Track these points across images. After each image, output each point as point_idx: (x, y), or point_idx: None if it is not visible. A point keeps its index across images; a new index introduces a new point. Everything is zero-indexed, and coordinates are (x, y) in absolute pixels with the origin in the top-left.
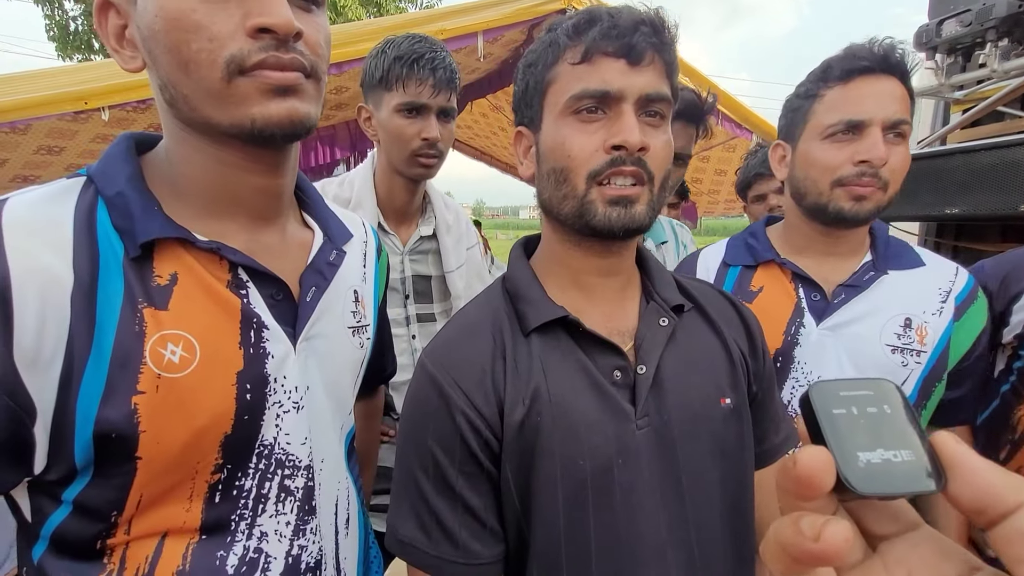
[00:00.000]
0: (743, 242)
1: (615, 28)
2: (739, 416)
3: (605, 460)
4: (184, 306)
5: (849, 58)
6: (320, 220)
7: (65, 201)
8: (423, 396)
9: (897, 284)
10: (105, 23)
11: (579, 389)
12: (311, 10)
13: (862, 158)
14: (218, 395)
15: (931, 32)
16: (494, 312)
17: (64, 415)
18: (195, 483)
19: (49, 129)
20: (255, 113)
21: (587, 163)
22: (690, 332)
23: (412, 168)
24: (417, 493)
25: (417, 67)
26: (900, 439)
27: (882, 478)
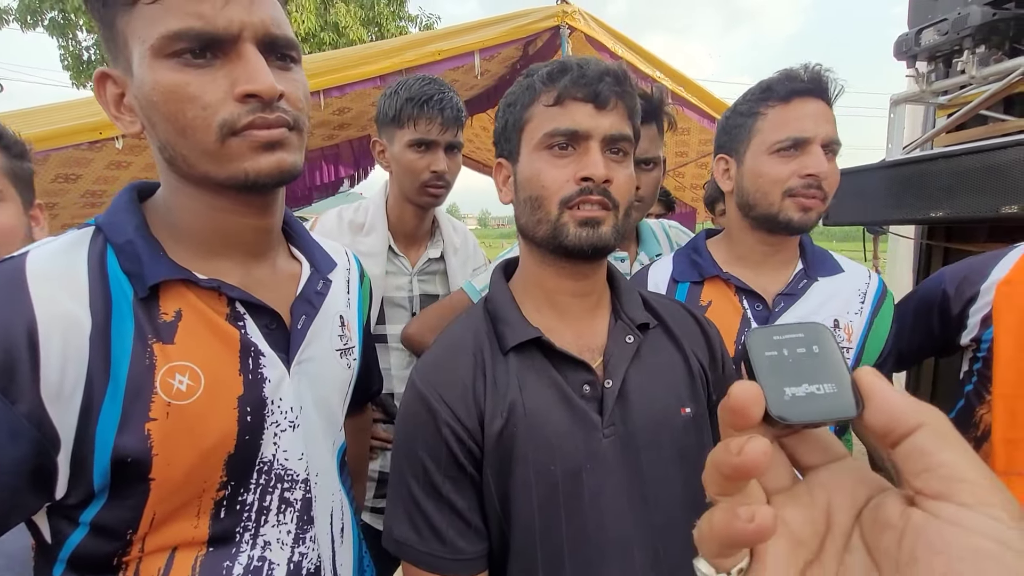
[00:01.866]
0: (687, 258)
1: (583, 77)
2: (699, 424)
3: (575, 466)
4: (189, 339)
5: (789, 80)
6: (306, 252)
7: (79, 251)
8: (413, 411)
9: (825, 290)
10: (104, 92)
11: (551, 403)
12: (290, 68)
13: (809, 172)
14: (222, 418)
15: (910, 41)
16: (476, 332)
17: (84, 444)
18: (202, 500)
19: (66, 158)
20: (247, 167)
21: (559, 192)
22: (654, 348)
23: (422, 197)
24: (409, 497)
25: (427, 107)
26: (824, 374)
27: (804, 409)
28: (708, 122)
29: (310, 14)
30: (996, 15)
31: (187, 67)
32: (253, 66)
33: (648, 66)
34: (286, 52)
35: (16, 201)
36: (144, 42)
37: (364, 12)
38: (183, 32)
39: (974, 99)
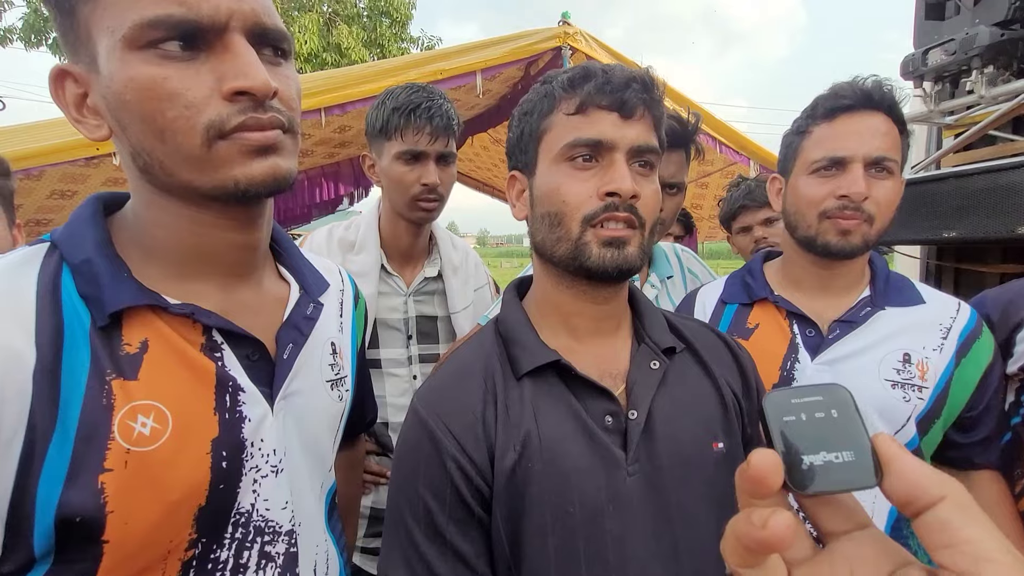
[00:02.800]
0: (740, 279)
1: (609, 83)
2: (733, 461)
3: (595, 508)
4: (155, 374)
5: (833, 97)
6: (296, 272)
7: (27, 271)
8: (414, 441)
9: (895, 320)
10: (62, 92)
11: (570, 435)
12: (280, 64)
13: (842, 192)
14: (192, 465)
15: (917, 61)
16: (486, 356)
17: (23, 502)
18: (167, 562)
19: (62, 175)
20: (238, 175)
21: (581, 208)
22: (681, 374)
23: (414, 212)
24: (408, 540)
25: (414, 116)
26: (843, 441)
27: (822, 477)
28: (709, 141)
29: (313, 35)
30: (1004, 35)
31: (166, 60)
32: (244, 60)
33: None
34: (278, 45)
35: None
36: (114, 32)
37: (366, 34)
38: (162, 19)
39: (983, 119)
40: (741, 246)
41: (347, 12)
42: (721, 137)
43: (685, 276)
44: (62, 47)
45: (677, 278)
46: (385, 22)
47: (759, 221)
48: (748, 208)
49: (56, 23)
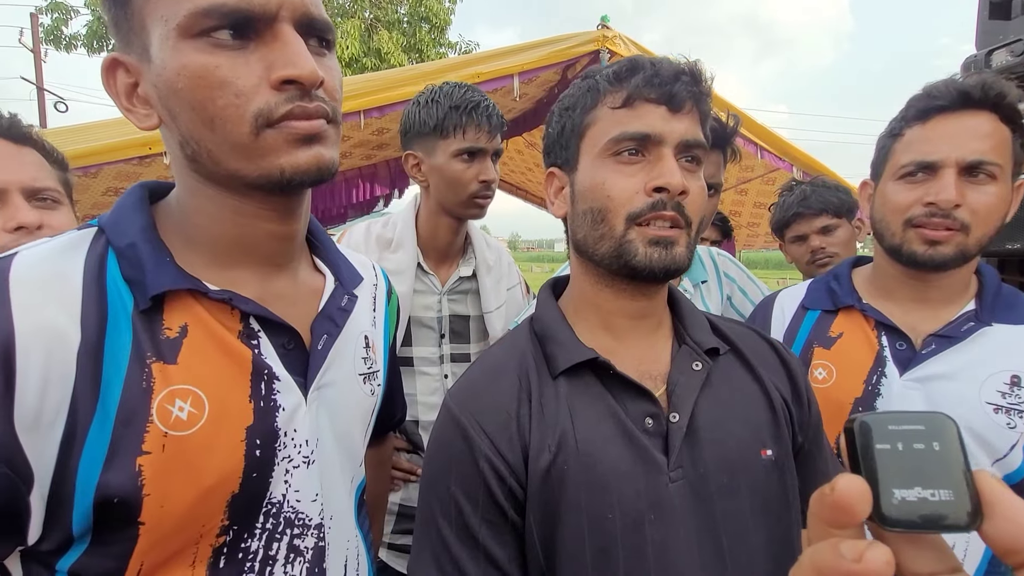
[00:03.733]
0: (825, 285)
1: (657, 76)
2: (782, 470)
3: (636, 516)
4: (194, 359)
5: (926, 97)
6: (331, 264)
7: (75, 254)
8: (446, 439)
9: (1003, 338)
10: (114, 82)
11: (608, 437)
12: (324, 54)
13: (929, 200)
14: (226, 452)
15: (979, 63)
16: (521, 354)
17: (63, 481)
18: (199, 547)
19: (116, 173)
20: (283, 163)
21: (627, 204)
22: (726, 377)
23: (469, 209)
24: (439, 540)
25: (475, 114)
26: (943, 478)
27: (914, 514)
28: (750, 147)
29: (354, 40)
30: None
31: (217, 48)
32: (293, 49)
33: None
34: (323, 35)
35: (70, 208)
36: (168, 21)
37: (406, 39)
38: (215, 7)
39: None
40: (795, 256)
41: (388, 18)
42: (762, 142)
43: (721, 280)
44: (114, 37)
45: (712, 283)
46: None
47: (816, 229)
48: (803, 215)
49: (109, 13)
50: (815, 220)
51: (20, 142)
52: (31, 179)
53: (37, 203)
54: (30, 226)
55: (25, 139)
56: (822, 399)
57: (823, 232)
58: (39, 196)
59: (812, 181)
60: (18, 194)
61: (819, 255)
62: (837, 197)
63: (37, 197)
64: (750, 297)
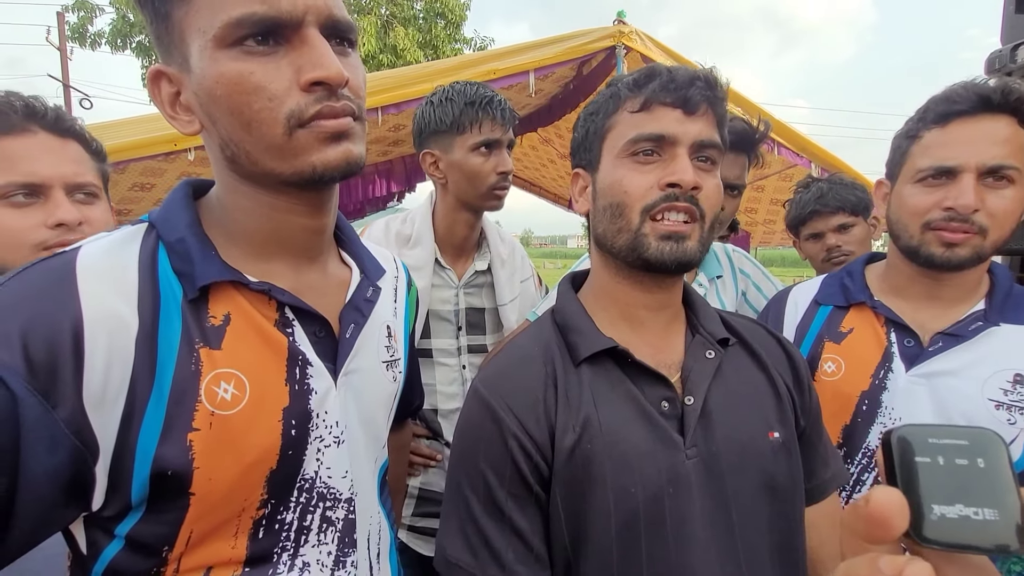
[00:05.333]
0: (839, 281)
1: (672, 82)
2: (788, 451)
3: (657, 489)
4: (236, 345)
5: (945, 101)
6: (356, 257)
7: (131, 247)
8: (476, 420)
9: (1010, 338)
10: (159, 92)
11: (629, 418)
12: (348, 54)
13: (948, 204)
14: (265, 431)
15: (1004, 58)
16: (545, 343)
17: (123, 454)
18: (241, 519)
19: (143, 168)
20: (315, 160)
21: (642, 198)
22: (736, 366)
23: (488, 201)
24: (466, 512)
25: (491, 108)
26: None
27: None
28: (768, 143)
29: (371, 37)
30: None
31: (250, 55)
32: (319, 52)
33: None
34: (346, 35)
35: (107, 201)
36: (205, 33)
37: (421, 35)
38: (246, 17)
39: None
40: (811, 253)
41: (404, 14)
42: (779, 138)
43: (736, 276)
44: (156, 49)
45: (727, 278)
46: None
47: (832, 227)
48: (820, 213)
49: (151, 27)
50: (832, 218)
51: (64, 135)
52: (73, 174)
53: (79, 197)
54: (71, 223)
55: (69, 132)
56: (830, 392)
57: (839, 230)
58: (81, 191)
59: (829, 178)
60: (60, 190)
61: (835, 253)
62: (854, 195)
63: (79, 192)
64: (764, 293)
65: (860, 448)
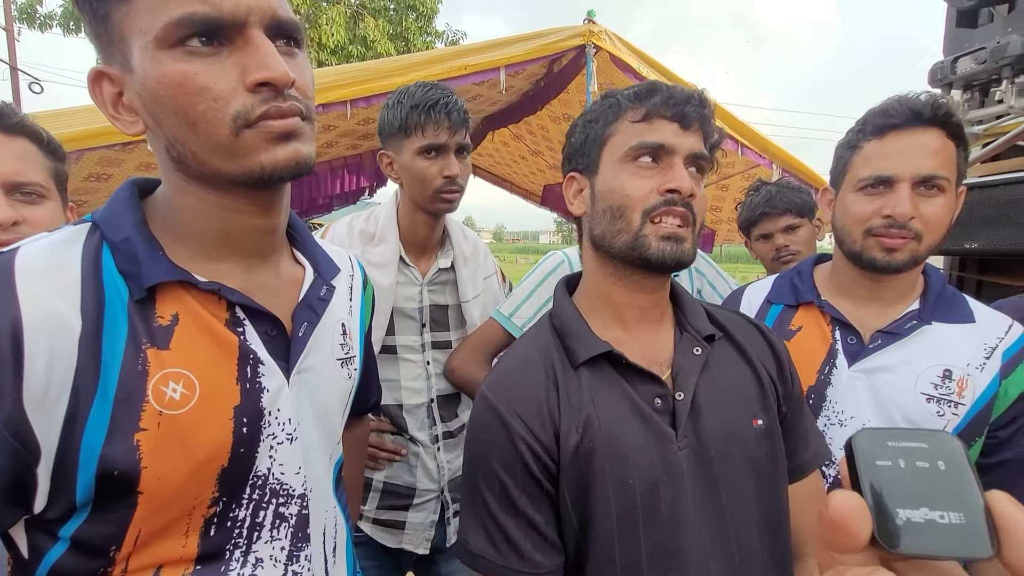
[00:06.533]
0: (789, 281)
1: (672, 98)
2: (771, 436)
3: (652, 480)
4: (185, 345)
5: (882, 114)
6: (310, 256)
7: (72, 248)
8: (486, 424)
9: (940, 336)
10: (100, 92)
11: (625, 416)
12: (295, 54)
13: (887, 212)
14: (216, 429)
15: (946, 69)
16: (545, 348)
17: (67, 455)
18: (192, 517)
19: (99, 158)
20: (263, 160)
21: (643, 202)
22: (722, 360)
23: (436, 204)
24: (485, 510)
25: (434, 112)
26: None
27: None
28: (731, 143)
29: (340, 28)
30: None
31: (193, 56)
32: (264, 52)
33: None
34: (292, 35)
35: (57, 201)
36: (146, 34)
37: (392, 27)
38: (186, 18)
39: (1012, 129)
40: (761, 253)
41: (374, 5)
42: (743, 139)
43: (692, 275)
44: (96, 50)
45: (683, 276)
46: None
47: (780, 228)
48: (768, 215)
49: (90, 27)
50: (780, 219)
51: (11, 132)
52: (13, 172)
53: (20, 198)
54: (3, 223)
55: (15, 129)
56: None
57: (787, 231)
58: (22, 190)
59: (777, 182)
60: None
61: (783, 252)
62: (800, 198)
63: (19, 192)
64: (718, 291)
65: None
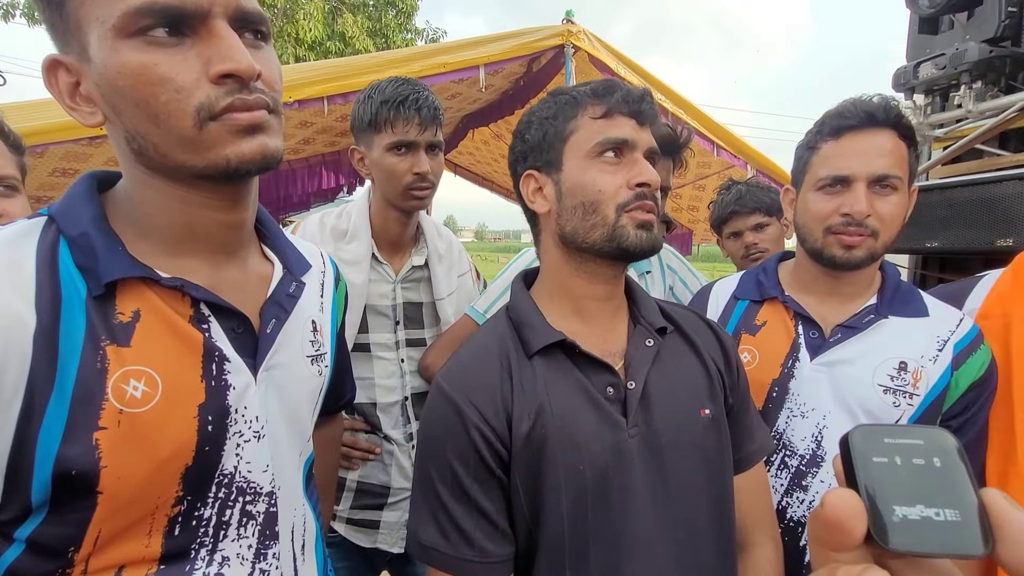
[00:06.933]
0: (754, 278)
1: (629, 95)
2: (718, 425)
3: (602, 466)
4: (146, 342)
5: (838, 116)
6: (279, 252)
7: (26, 242)
8: (441, 414)
9: (896, 329)
10: (56, 82)
11: (578, 404)
12: (260, 46)
13: (845, 211)
14: (179, 427)
15: (908, 74)
16: (500, 338)
17: (22, 455)
18: (155, 517)
19: (65, 153)
20: (229, 154)
21: (615, 197)
22: (673, 351)
23: (407, 201)
24: (436, 501)
25: (403, 108)
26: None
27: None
28: (707, 144)
29: (318, 23)
30: (993, 52)
31: (154, 46)
32: (227, 43)
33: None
34: (258, 28)
35: (24, 193)
36: (104, 22)
37: (371, 23)
38: (147, 6)
39: (970, 133)
40: (731, 251)
41: (352, 1)
42: (720, 140)
43: (664, 272)
44: (51, 38)
45: (656, 273)
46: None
47: (750, 226)
48: (739, 213)
49: (44, 15)
50: (749, 218)
51: None
52: None
53: None
54: None
55: None
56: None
57: (756, 229)
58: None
59: (747, 182)
60: None
61: (752, 250)
62: (769, 197)
63: None
64: (689, 287)
65: (770, 432)
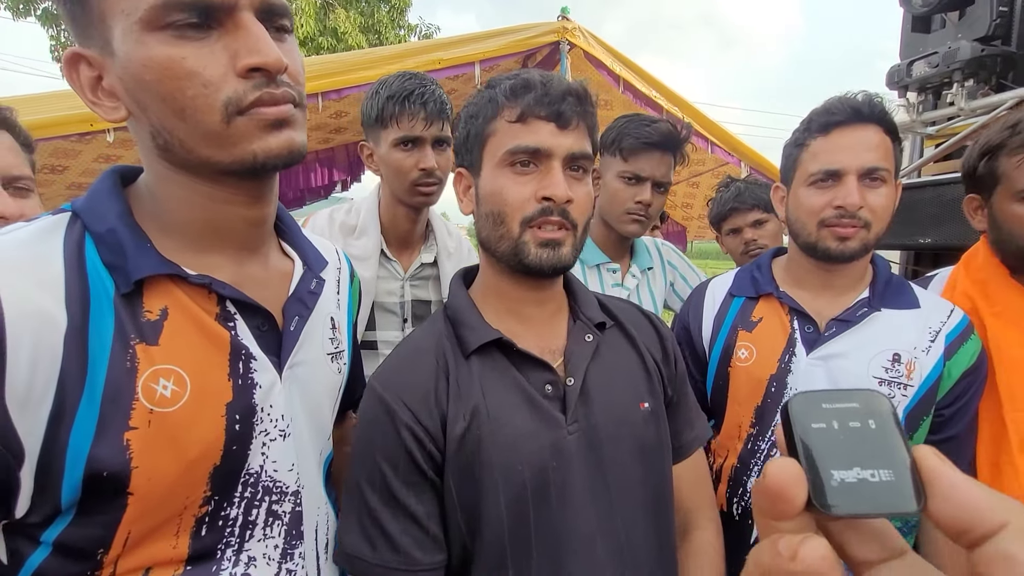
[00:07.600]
0: (749, 274)
1: (547, 95)
2: (657, 418)
3: (541, 464)
4: (175, 341)
5: (825, 112)
6: (298, 248)
7: (52, 239)
8: (371, 415)
9: (889, 321)
10: (77, 76)
11: (515, 404)
12: (285, 40)
13: (838, 204)
14: (208, 427)
15: (902, 72)
16: (437, 337)
17: (52, 456)
18: (183, 517)
19: (53, 149)
20: (256, 148)
21: (521, 210)
22: (612, 346)
23: (414, 197)
24: (363, 504)
25: (408, 103)
26: (881, 457)
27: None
28: (701, 141)
29: (309, 18)
30: (984, 51)
31: (181, 40)
32: (256, 36)
33: (645, 85)
34: (282, 21)
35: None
36: (129, 15)
37: (364, 19)
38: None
39: (962, 130)
40: (730, 247)
41: None
42: (714, 138)
43: (665, 268)
44: (71, 31)
45: (657, 270)
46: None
47: (749, 223)
48: (738, 210)
49: (64, 8)
50: (748, 214)
51: None
52: (9, 166)
53: (14, 191)
54: (11, 217)
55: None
56: (744, 376)
57: (755, 225)
58: (16, 184)
59: (745, 179)
60: None
61: (751, 246)
62: (767, 194)
63: (15, 185)
64: (690, 283)
65: (771, 426)
